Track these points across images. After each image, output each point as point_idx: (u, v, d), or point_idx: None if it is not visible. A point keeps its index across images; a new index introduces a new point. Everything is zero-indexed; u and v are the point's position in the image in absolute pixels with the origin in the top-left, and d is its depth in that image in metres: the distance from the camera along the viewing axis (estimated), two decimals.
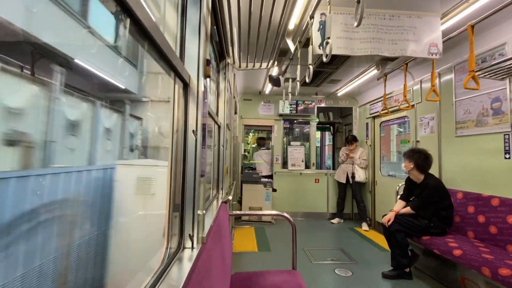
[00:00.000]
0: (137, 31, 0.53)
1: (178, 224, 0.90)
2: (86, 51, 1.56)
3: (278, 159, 5.18)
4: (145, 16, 0.51)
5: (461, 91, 2.81)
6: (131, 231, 1.71)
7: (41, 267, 1.16)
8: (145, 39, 0.57)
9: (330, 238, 4.01)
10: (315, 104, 5.23)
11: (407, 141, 3.86)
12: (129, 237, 1.68)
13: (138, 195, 1.71)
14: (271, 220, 4.66)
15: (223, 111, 2.27)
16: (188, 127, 0.92)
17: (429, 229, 2.52)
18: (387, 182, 4.25)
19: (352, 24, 2.01)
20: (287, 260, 3.04)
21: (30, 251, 1.11)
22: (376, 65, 3.48)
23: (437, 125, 3.14)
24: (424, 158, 2.65)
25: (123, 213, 1.70)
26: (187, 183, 0.92)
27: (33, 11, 1.11)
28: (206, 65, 0.98)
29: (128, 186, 1.70)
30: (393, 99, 3.98)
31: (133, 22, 0.50)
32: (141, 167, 1.77)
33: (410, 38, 2.11)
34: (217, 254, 1.14)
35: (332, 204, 5.04)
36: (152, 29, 0.56)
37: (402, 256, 2.55)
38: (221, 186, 2.29)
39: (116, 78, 1.79)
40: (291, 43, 2.65)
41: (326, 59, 1.52)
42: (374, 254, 3.31)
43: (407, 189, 2.84)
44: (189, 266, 0.81)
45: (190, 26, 0.93)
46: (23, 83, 1.18)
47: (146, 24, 0.53)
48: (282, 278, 1.62)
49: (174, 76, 0.87)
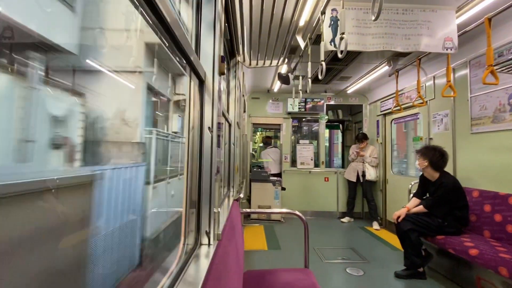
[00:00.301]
0: (159, 24, 0.53)
1: (195, 220, 0.90)
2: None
3: (287, 157, 5.16)
4: (167, 9, 0.51)
5: (476, 87, 2.73)
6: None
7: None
8: (166, 32, 0.57)
9: (341, 237, 3.97)
10: (324, 102, 5.18)
11: (419, 138, 3.78)
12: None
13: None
14: (281, 219, 4.65)
15: (233, 109, 2.27)
16: (204, 124, 0.92)
17: (443, 228, 2.46)
18: (399, 180, 4.18)
19: (364, 19, 1.97)
20: (298, 258, 3.04)
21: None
22: (387, 61, 3.42)
23: (451, 122, 3.06)
24: (440, 155, 2.58)
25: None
26: (204, 180, 0.92)
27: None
28: (220, 62, 0.98)
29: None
30: (405, 95, 3.90)
31: (155, 15, 0.50)
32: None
33: (424, 32, 2.06)
34: (232, 251, 1.14)
35: (342, 203, 4.99)
36: (173, 24, 0.56)
37: (416, 255, 2.50)
38: (232, 184, 2.30)
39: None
40: (301, 40, 2.62)
41: (341, 55, 1.50)
42: (386, 253, 3.27)
43: (421, 187, 2.79)
44: (206, 262, 0.82)
45: (205, 23, 0.93)
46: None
47: (168, 18, 0.53)
48: (295, 276, 1.61)
49: (190, 73, 0.87)
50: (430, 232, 2.51)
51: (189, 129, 0.93)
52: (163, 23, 0.55)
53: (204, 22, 0.95)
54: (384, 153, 4.59)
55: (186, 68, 0.84)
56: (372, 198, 4.47)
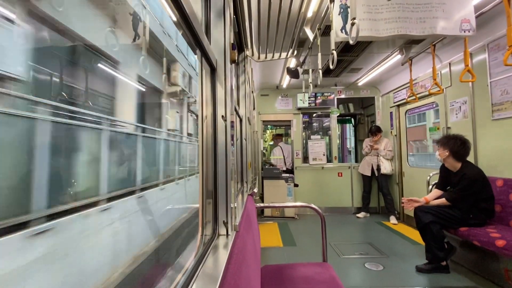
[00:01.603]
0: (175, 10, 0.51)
1: (212, 211, 0.89)
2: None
3: (299, 153, 5.10)
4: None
5: (496, 71, 2.61)
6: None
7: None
8: (181, 18, 0.55)
9: (357, 232, 3.89)
10: (335, 96, 5.09)
11: (436, 128, 3.65)
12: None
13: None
14: (294, 216, 4.61)
15: (243, 104, 2.25)
16: (217, 113, 0.90)
17: (467, 220, 2.36)
18: (416, 172, 4.05)
19: (375, 5, 1.91)
20: (314, 254, 2.99)
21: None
22: (399, 49, 3.31)
23: (470, 109, 2.93)
24: (461, 144, 2.46)
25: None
26: (219, 170, 0.90)
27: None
28: (231, 49, 0.96)
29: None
30: (419, 85, 3.78)
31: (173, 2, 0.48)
32: None
33: (439, 15, 1.97)
34: (250, 243, 1.12)
35: (357, 198, 4.89)
36: (189, 9, 0.54)
37: (438, 248, 2.41)
38: (245, 180, 2.28)
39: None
40: (309, 32, 2.58)
41: (353, 42, 1.45)
42: (405, 247, 3.17)
43: (442, 178, 2.68)
44: (225, 252, 0.80)
45: (215, 10, 0.91)
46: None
47: (185, 4, 0.51)
48: (314, 270, 1.58)
49: (201, 60, 0.85)
50: (452, 224, 2.40)
51: (202, 119, 0.92)
52: (176, 4, 0.53)
53: (214, 10, 0.94)
54: (399, 145, 4.47)
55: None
56: (388, 192, 4.36)
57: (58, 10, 1.64)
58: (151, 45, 2.37)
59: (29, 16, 1.50)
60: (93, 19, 1.92)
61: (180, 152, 4.75)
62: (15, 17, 1.40)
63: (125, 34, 2.39)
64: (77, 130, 1.43)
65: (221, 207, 0.92)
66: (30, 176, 1.07)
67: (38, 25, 1.56)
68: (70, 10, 1.69)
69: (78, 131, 1.43)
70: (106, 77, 2.18)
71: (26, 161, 1.06)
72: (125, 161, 1.78)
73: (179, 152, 4.68)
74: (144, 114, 2.26)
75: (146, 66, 2.10)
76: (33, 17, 1.54)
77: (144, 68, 2.22)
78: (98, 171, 1.50)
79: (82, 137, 1.44)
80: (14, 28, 1.35)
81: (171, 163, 3.66)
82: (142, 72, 2.36)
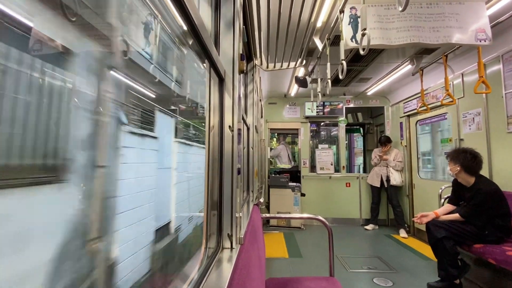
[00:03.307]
0: (184, 21, 0.51)
1: (216, 223, 0.87)
2: None
3: (306, 162, 5.05)
4: (192, 7, 0.50)
5: (511, 82, 2.54)
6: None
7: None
8: (187, 25, 0.55)
9: (365, 245, 3.78)
10: (343, 105, 5.06)
11: (448, 140, 3.55)
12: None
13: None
14: (301, 226, 4.53)
15: (251, 113, 2.25)
16: (225, 123, 0.89)
17: (482, 237, 2.26)
18: (427, 184, 3.94)
19: (385, 15, 1.90)
20: (320, 267, 2.91)
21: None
22: (410, 59, 3.27)
23: (484, 121, 2.85)
24: (472, 158, 2.38)
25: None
26: (225, 182, 0.89)
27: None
28: (240, 60, 0.96)
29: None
30: (430, 95, 3.71)
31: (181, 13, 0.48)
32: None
33: (453, 25, 1.94)
34: (255, 256, 1.09)
35: (366, 209, 4.78)
36: (195, 16, 0.54)
37: (452, 265, 2.30)
38: (252, 189, 2.26)
39: None
40: (318, 42, 2.58)
41: (363, 52, 1.44)
42: (415, 263, 3.05)
43: (455, 193, 2.58)
44: (229, 267, 0.78)
45: (224, 21, 0.92)
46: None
47: (192, 13, 0.51)
48: (320, 285, 1.53)
49: (210, 70, 0.85)
50: (467, 240, 2.30)
51: (209, 129, 0.91)
52: (188, 20, 0.53)
53: (223, 21, 0.94)
54: (410, 156, 4.37)
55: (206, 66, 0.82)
56: (398, 204, 4.24)
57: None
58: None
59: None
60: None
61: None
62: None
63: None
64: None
65: (225, 219, 0.90)
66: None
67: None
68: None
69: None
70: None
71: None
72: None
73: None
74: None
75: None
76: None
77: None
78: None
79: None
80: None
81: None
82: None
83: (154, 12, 1.36)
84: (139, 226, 1.40)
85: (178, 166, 2.05)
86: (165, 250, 1.63)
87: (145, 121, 1.50)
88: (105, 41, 0.82)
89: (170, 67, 1.80)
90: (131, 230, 1.32)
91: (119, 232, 1.18)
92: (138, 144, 1.41)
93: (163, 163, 1.82)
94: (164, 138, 1.78)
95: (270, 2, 1.63)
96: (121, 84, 1.03)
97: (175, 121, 1.99)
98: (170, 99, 1.92)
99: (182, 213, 2.12)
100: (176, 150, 2.06)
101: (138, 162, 1.45)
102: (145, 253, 1.39)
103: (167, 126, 1.89)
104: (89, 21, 0.76)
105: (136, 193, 1.40)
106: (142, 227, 1.43)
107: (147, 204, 1.54)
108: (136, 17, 1.22)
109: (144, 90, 1.45)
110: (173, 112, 1.96)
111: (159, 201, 1.71)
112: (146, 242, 1.45)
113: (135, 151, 1.38)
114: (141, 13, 1.28)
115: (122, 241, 1.21)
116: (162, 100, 1.76)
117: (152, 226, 1.57)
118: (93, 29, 0.78)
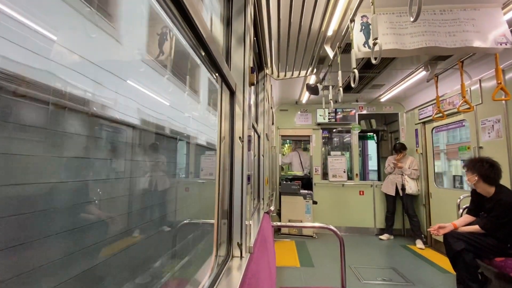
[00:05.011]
0: (194, 39, 0.55)
1: (226, 232, 0.89)
2: None
3: (318, 169, 5.00)
4: (203, 25, 0.53)
5: None
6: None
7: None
8: (200, 47, 0.59)
9: (380, 255, 3.67)
10: (356, 112, 5.00)
11: (466, 147, 3.43)
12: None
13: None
14: (313, 234, 4.46)
15: (262, 121, 2.28)
16: (235, 134, 0.92)
17: (504, 250, 2.15)
18: (444, 194, 3.80)
19: (398, 21, 1.89)
20: (332, 277, 2.86)
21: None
22: (424, 65, 3.22)
23: (505, 128, 2.74)
24: (489, 167, 2.28)
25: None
26: (235, 191, 0.91)
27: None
28: (250, 73, 0.99)
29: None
30: (446, 101, 3.61)
31: (192, 30, 0.52)
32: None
33: (470, 29, 1.90)
34: (264, 265, 1.10)
35: (380, 218, 4.66)
36: (208, 39, 0.57)
37: (471, 280, 2.20)
38: (262, 196, 2.27)
39: None
40: (329, 50, 2.59)
41: (375, 61, 1.44)
42: (433, 275, 2.93)
43: (474, 203, 2.48)
44: (239, 275, 0.79)
45: (235, 36, 0.95)
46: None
47: (204, 34, 0.54)
48: None
49: (221, 85, 0.89)
50: (487, 253, 2.20)
51: (220, 140, 0.94)
52: (198, 38, 0.57)
53: (234, 36, 0.98)
54: (426, 164, 4.24)
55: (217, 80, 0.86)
56: (414, 213, 4.11)
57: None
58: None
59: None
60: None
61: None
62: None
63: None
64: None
65: (235, 227, 0.92)
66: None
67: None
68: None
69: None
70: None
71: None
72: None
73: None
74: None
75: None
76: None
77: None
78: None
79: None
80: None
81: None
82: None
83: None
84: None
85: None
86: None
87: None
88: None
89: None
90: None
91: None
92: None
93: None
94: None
95: (280, 12, 1.66)
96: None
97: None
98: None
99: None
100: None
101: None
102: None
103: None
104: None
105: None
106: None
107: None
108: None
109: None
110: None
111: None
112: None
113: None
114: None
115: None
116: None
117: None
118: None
